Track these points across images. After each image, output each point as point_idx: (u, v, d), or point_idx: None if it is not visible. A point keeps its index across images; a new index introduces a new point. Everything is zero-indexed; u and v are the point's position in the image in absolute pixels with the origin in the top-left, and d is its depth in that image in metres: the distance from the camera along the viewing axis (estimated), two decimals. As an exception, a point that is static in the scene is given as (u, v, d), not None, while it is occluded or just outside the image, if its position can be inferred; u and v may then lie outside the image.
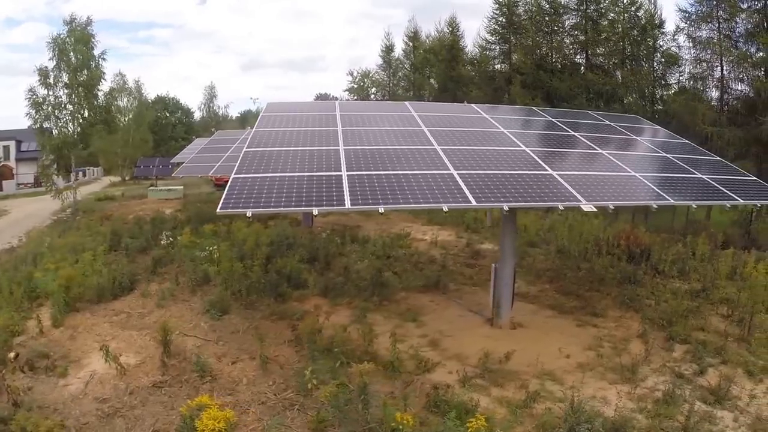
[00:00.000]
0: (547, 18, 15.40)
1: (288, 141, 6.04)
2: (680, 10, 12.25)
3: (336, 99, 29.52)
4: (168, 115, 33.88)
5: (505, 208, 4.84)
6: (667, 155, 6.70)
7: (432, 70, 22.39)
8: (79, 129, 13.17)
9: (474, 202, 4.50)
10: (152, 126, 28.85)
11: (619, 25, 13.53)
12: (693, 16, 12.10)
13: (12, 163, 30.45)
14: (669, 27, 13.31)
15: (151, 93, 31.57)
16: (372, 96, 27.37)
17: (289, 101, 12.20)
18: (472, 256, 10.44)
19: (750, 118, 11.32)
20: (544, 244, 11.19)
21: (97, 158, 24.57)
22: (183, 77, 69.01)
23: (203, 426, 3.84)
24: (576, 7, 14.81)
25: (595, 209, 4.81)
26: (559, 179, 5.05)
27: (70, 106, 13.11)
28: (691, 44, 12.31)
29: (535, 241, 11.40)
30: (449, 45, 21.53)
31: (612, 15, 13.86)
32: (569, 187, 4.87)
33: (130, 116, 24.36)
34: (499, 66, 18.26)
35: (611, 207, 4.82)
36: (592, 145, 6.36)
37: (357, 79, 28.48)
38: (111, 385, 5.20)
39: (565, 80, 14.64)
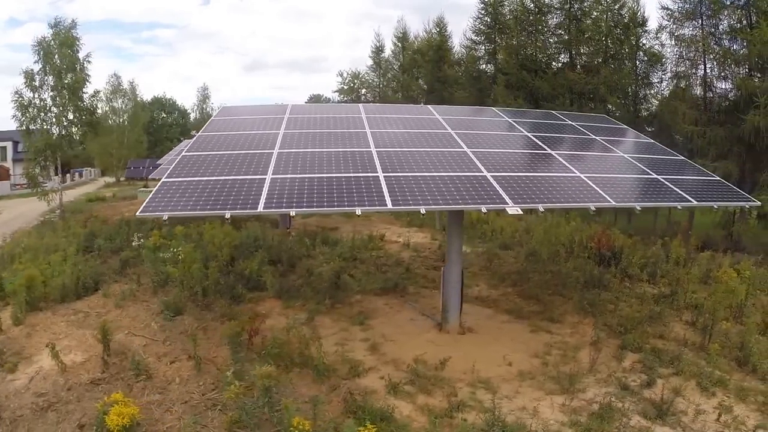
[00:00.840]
0: (531, 17, 15.09)
1: (227, 145, 5.96)
2: (663, 7, 11.91)
3: (329, 100, 29.67)
4: (165, 115, 34.20)
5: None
6: (625, 155, 6.42)
7: (419, 70, 22.17)
8: (63, 131, 13.31)
9: (390, 205, 4.33)
10: (148, 127, 29.10)
11: (602, 24, 13.16)
12: (676, 14, 11.72)
13: (9, 163, 30.94)
14: (651, 25, 12.92)
15: (147, 94, 32.08)
16: (362, 97, 27.30)
17: (245, 105, 12.17)
18: (441, 258, 10.23)
19: (732, 117, 10.90)
20: (518, 247, 10.94)
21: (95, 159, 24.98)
22: (185, 77, 69.98)
23: (110, 421, 3.92)
24: (560, 5, 14.47)
25: (520, 212, 4.61)
26: (492, 181, 4.85)
27: (54, 109, 13.32)
28: (673, 42, 11.96)
29: (509, 244, 11.15)
30: (436, 46, 21.29)
31: (596, 13, 13.50)
32: (499, 189, 4.66)
33: (125, 117, 24.69)
34: (484, 66, 18.02)
35: (541, 209, 4.60)
36: (542, 145, 6.12)
37: (347, 80, 28.53)
38: (52, 381, 5.24)
39: (547, 80, 14.31)
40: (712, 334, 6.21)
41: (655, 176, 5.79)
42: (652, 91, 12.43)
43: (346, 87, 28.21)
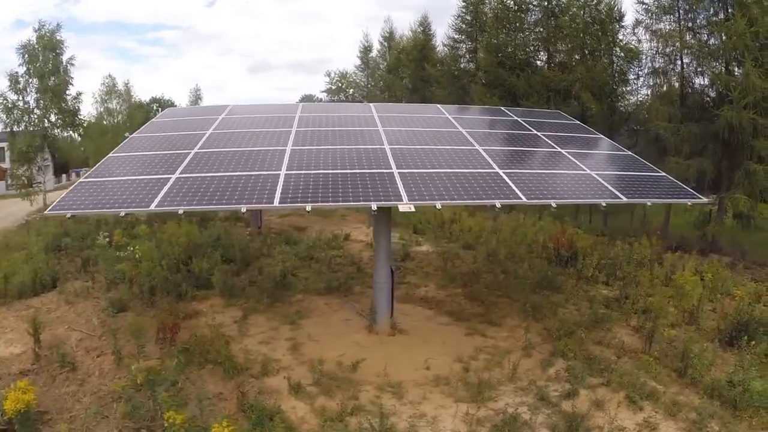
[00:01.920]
0: (510, 15, 14.73)
1: (152, 146, 5.95)
2: (639, 1, 11.44)
3: (320, 100, 29.70)
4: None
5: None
6: (562, 150, 6.13)
7: (403, 70, 21.94)
8: (45, 133, 13.62)
9: (285, 203, 4.22)
10: (144, 127, 29.51)
11: (579, 20, 12.73)
12: (652, 8, 11.23)
13: (6, 164, 31.61)
14: (628, 20, 12.43)
15: (152, 94, 32.54)
16: (349, 97, 27.21)
17: (187, 107, 12.17)
18: (402, 258, 10.05)
19: (707, 113, 10.40)
20: (482, 247, 10.65)
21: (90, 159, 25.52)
22: (191, 79, 70.98)
23: (7, 406, 4.15)
24: (539, 2, 14.06)
25: (413, 209, 4.42)
26: (396, 177, 4.68)
27: (37, 111, 13.63)
28: (650, 37, 11.47)
29: (473, 244, 10.87)
30: (420, 45, 21.04)
31: (573, 9, 13.06)
32: (400, 185, 4.49)
33: (120, 118, 25.21)
34: (465, 65, 17.65)
35: (438, 206, 4.41)
36: (471, 141, 5.89)
37: (334, 80, 28.46)
38: (-16, 371, 5.42)
39: (524, 78, 13.94)
40: (653, 341, 5.81)
41: (588, 171, 5.51)
42: (628, 88, 12.02)
43: (333, 87, 28.25)
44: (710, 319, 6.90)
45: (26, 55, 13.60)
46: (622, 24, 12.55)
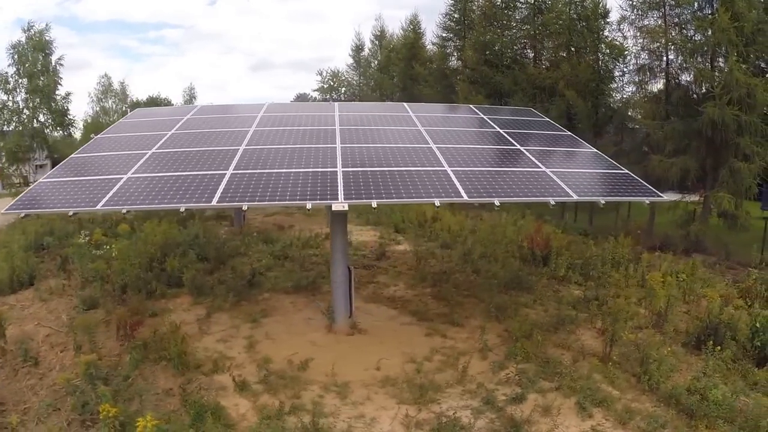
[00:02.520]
0: (498, 12, 14.61)
1: (113, 147, 6.05)
2: (625, -3, 11.24)
3: (314, 99, 29.69)
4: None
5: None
6: (522, 147, 6.07)
7: (393, 68, 21.90)
8: (34, 133, 13.87)
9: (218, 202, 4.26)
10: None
11: (564, 16, 12.57)
12: (638, 4, 11.02)
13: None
14: (613, 16, 12.26)
15: (144, 94, 32.84)
16: (342, 96, 27.21)
17: (156, 108, 12.27)
18: (377, 257, 10.07)
19: (692, 110, 10.21)
20: (461, 246, 10.61)
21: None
22: (193, 78, 71.34)
23: None
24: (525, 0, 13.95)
25: (346, 208, 4.43)
26: (339, 176, 4.69)
27: (27, 111, 13.89)
28: (637, 34, 11.27)
29: (451, 243, 10.83)
30: (410, 43, 20.98)
31: (560, 5, 12.89)
32: (340, 184, 4.50)
33: (116, 117, 25.47)
34: (453, 63, 17.55)
35: (374, 205, 4.41)
36: (427, 139, 5.87)
37: (326, 79, 28.44)
38: (-48, 365, 5.58)
39: (508, 75, 13.84)
40: (613, 345, 5.64)
41: (543, 169, 5.45)
42: (614, 86, 11.85)
43: (325, 86, 28.25)
44: (682, 322, 6.78)
45: (16, 56, 13.86)
46: (608, 20, 12.43)
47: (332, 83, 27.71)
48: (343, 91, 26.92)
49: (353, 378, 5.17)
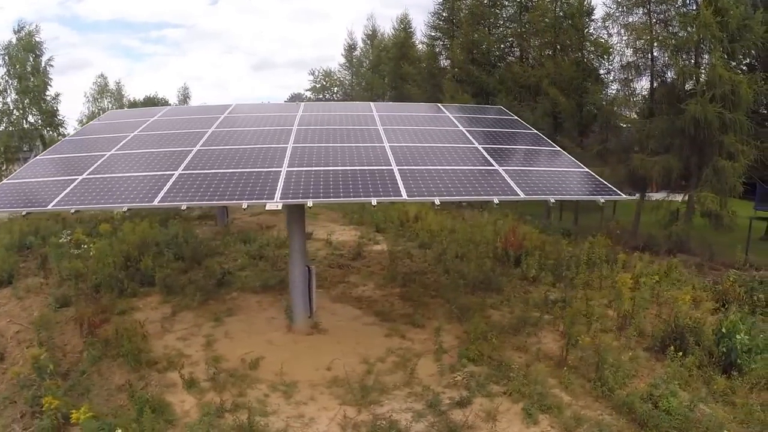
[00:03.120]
0: (485, 11, 14.56)
1: (75, 149, 6.21)
2: (610, -6, 11.14)
3: (309, 98, 29.84)
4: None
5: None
6: (480, 146, 6.04)
7: (384, 68, 21.97)
8: (23, 134, 14.23)
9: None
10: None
11: (549, 14, 12.49)
12: (623, 0, 10.90)
13: None
14: (598, 14, 12.13)
15: (141, 94, 33.27)
16: (334, 96, 27.36)
17: (127, 110, 12.44)
18: (353, 257, 10.14)
19: (675, 108, 10.10)
20: (438, 245, 10.63)
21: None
22: (194, 77, 71.94)
23: None
24: (511, -2, 13.93)
25: (279, 207, 4.50)
26: (282, 175, 4.75)
27: (16, 112, 14.24)
28: (622, 31, 11.16)
29: (429, 243, 10.85)
30: (400, 43, 21.01)
31: (546, 2, 12.81)
32: (280, 183, 4.56)
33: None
34: (442, 62, 17.55)
35: (310, 204, 4.46)
36: (383, 138, 5.88)
37: (318, 79, 28.58)
38: None
39: (494, 74, 13.83)
40: (570, 348, 5.59)
41: (496, 167, 5.43)
42: (599, 84, 11.69)
43: (318, 85, 28.40)
44: (650, 325, 6.63)
45: (6, 57, 14.20)
46: (593, 18, 12.34)
47: (324, 83, 27.89)
48: (335, 91, 27.09)
49: (302, 378, 5.24)
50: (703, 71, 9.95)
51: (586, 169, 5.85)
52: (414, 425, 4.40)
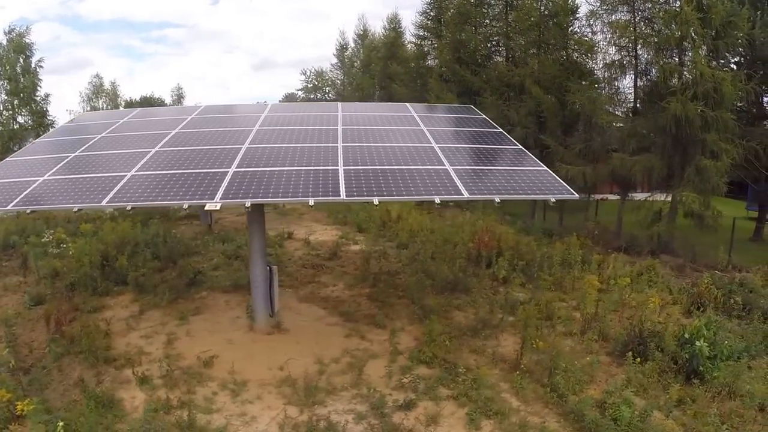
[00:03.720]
0: (471, 10, 14.56)
1: (43, 150, 6.41)
2: (594, -9, 11.07)
3: (302, 99, 30.13)
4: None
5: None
6: (436, 145, 6.10)
7: (374, 68, 22.07)
8: (12, 134, 14.56)
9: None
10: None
11: (534, 12, 12.45)
12: (608, -2, 10.86)
13: None
14: (582, 11, 12.04)
15: (136, 93, 33.77)
16: (326, 95, 27.55)
17: (98, 112, 12.67)
18: (329, 257, 10.28)
19: (657, 106, 10.04)
20: (416, 245, 10.71)
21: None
22: (195, 77, 72.72)
23: None
24: (497, -2, 13.90)
25: (218, 207, 4.60)
26: (228, 176, 4.87)
27: (5, 113, 14.60)
28: (604, 28, 11.11)
29: (407, 243, 10.93)
30: (389, 42, 21.10)
31: (529, 1, 12.78)
32: (224, 183, 4.68)
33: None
34: (430, 62, 17.58)
35: (248, 204, 4.57)
36: (338, 138, 5.96)
37: (310, 79, 28.78)
38: None
39: (478, 73, 13.85)
40: (524, 352, 5.54)
41: (446, 167, 5.47)
42: (583, 82, 11.63)
43: (310, 85, 28.59)
44: (615, 329, 6.51)
45: (-4, 59, 14.59)
46: (577, 16, 12.30)
47: (316, 83, 28.10)
48: (327, 90, 27.28)
49: (253, 377, 5.37)
50: (685, 69, 9.88)
51: (545, 168, 5.85)
52: (353, 427, 4.48)
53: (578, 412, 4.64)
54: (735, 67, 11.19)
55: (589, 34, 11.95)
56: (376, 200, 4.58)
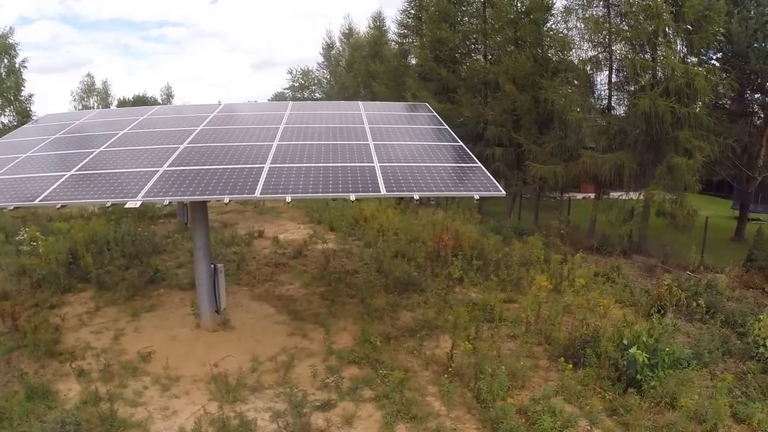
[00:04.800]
0: (450, 8, 14.66)
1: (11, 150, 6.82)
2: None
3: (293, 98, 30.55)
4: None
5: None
6: (371, 143, 6.21)
7: (356, 66, 22.30)
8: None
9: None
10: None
11: (512, 10, 12.51)
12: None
13: None
14: (557, 6, 12.05)
15: (140, 92, 34.57)
16: (313, 95, 27.91)
17: (65, 112, 13.09)
18: (294, 256, 10.58)
19: (626, 102, 10.08)
20: (383, 244, 10.94)
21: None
22: (195, 76, 73.92)
23: None
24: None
25: (137, 205, 4.90)
26: (156, 175, 5.18)
27: (-9, 113, 15.28)
28: (580, 25, 11.09)
29: (375, 242, 11.16)
30: (373, 41, 21.32)
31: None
32: (151, 182, 5.00)
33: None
34: (411, 60, 17.75)
35: (166, 202, 4.88)
36: (277, 136, 6.20)
37: (296, 78, 29.16)
38: None
39: (456, 71, 13.97)
40: (452, 355, 5.53)
41: (373, 164, 5.58)
42: (558, 79, 11.65)
43: (296, 84, 28.99)
44: (562, 332, 6.44)
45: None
46: (552, 13, 12.33)
47: (302, 82, 28.49)
48: (313, 89, 27.63)
49: (187, 373, 5.67)
50: (658, 65, 9.87)
51: (479, 165, 5.93)
52: (267, 425, 4.68)
53: (499, 420, 4.60)
54: (717, 63, 11.15)
55: (564, 30, 11.98)
56: (288, 198, 4.82)
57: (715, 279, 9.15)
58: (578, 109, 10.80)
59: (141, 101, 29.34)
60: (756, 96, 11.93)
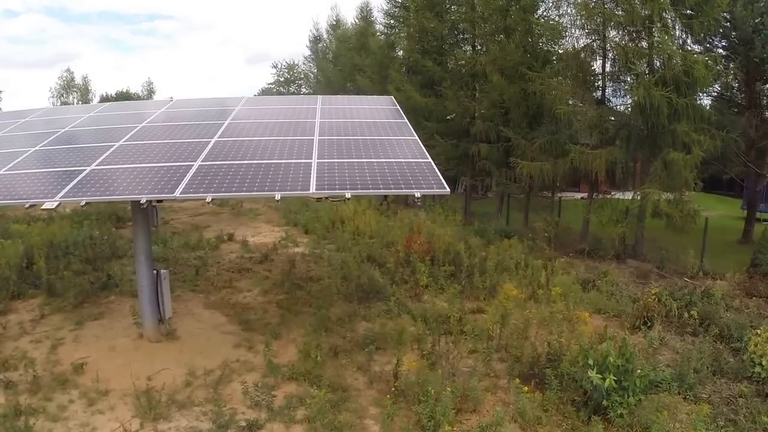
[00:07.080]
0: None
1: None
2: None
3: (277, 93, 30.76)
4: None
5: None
6: (316, 138, 6.16)
7: (342, 59, 22.34)
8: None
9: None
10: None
11: None
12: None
13: None
14: None
15: (120, 87, 34.96)
16: (301, 89, 28.09)
17: (10, 112, 13.32)
18: (260, 260, 10.65)
19: (620, 93, 9.90)
20: (355, 248, 10.93)
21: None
22: (186, 70, 74.83)
23: None
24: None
25: (53, 207, 4.97)
26: (83, 173, 5.28)
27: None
28: (572, 11, 10.90)
29: (349, 246, 11.18)
30: (359, 32, 21.32)
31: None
32: (74, 182, 5.10)
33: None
34: (398, 52, 17.71)
35: (82, 203, 4.90)
36: (218, 131, 6.31)
37: (281, 72, 29.29)
38: None
39: (442, 63, 13.90)
40: (397, 374, 5.37)
41: (310, 161, 5.54)
42: (548, 70, 11.46)
43: (282, 79, 29.14)
44: (530, 348, 6.12)
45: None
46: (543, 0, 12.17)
47: (288, 76, 28.65)
48: (300, 83, 27.77)
49: (118, 386, 5.70)
50: (654, 52, 9.68)
51: (428, 160, 5.82)
52: None
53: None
54: (722, 51, 10.91)
55: (556, 18, 11.82)
56: (208, 198, 4.86)
57: (713, 286, 8.92)
58: (570, 102, 10.61)
59: (124, 97, 29.82)
60: (765, 86, 11.60)
